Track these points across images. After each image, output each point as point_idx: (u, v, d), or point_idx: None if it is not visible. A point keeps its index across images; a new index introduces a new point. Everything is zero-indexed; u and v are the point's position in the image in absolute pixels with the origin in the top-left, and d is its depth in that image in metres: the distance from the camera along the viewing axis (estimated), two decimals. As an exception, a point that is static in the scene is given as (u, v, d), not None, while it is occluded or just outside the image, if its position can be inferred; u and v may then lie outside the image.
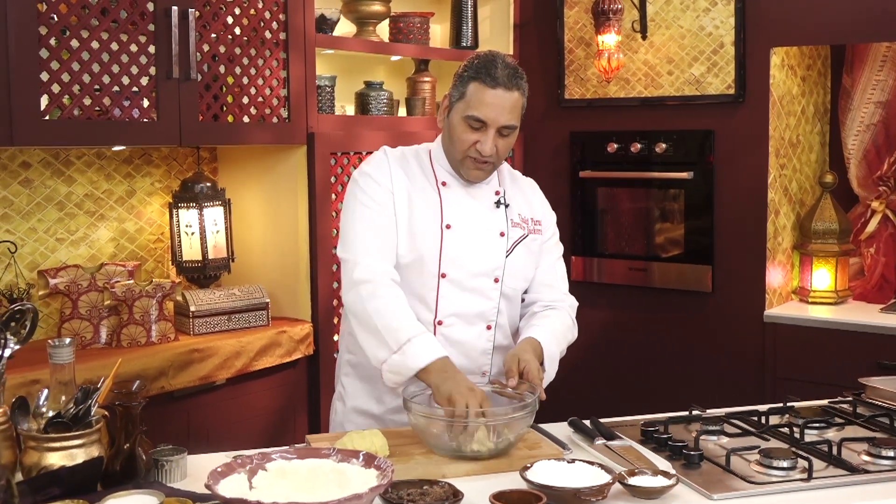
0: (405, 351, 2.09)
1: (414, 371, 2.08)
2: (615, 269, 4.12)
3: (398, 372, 2.11)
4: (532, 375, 2.14)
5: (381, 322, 2.12)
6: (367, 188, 2.27)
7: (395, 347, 2.10)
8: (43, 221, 3.12)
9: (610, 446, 2.05)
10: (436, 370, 2.06)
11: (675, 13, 3.87)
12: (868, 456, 2.00)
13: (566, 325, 2.39)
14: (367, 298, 2.15)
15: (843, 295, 3.85)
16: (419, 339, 2.09)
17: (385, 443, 1.97)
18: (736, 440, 2.11)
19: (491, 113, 2.18)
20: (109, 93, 2.82)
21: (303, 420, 3.42)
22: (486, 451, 1.94)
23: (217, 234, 3.35)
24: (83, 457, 1.78)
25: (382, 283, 2.17)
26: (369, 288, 2.17)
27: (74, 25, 2.73)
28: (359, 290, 2.17)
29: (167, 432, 2.93)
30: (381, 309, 2.14)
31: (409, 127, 3.78)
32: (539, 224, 2.42)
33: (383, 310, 2.14)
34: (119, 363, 1.92)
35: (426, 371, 2.07)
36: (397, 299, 2.17)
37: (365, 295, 2.16)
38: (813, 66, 4.04)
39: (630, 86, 4.01)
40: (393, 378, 2.13)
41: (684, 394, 3.89)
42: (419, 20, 3.88)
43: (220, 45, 3.11)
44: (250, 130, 3.21)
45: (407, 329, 2.11)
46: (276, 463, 1.71)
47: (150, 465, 1.89)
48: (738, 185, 3.80)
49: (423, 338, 2.10)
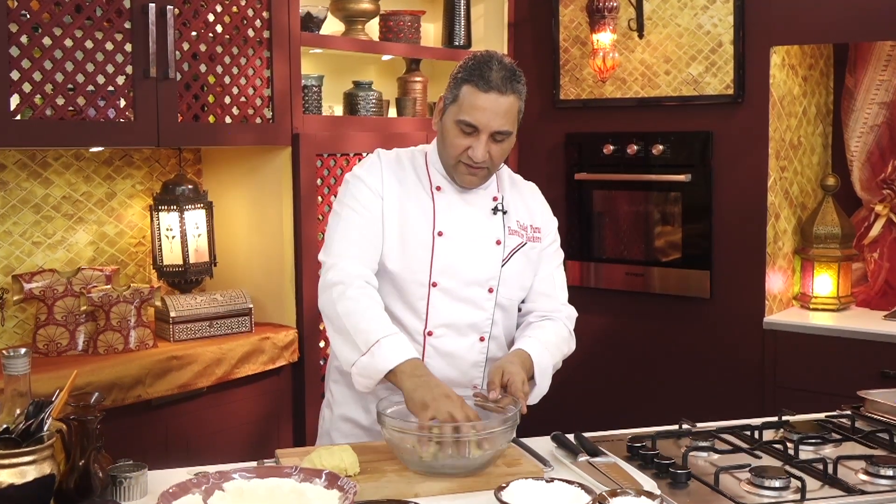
0: (374, 352, 1.99)
1: (383, 373, 1.99)
2: (611, 274, 4.03)
3: (367, 375, 2.02)
4: (515, 388, 2.04)
5: (350, 323, 2.04)
6: (356, 192, 2.19)
7: (364, 349, 2.01)
8: (18, 224, 3.03)
9: (593, 463, 1.95)
10: (407, 373, 1.97)
11: (673, 11, 3.77)
12: (865, 475, 1.90)
13: (561, 337, 2.28)
14: (338, 300, 2.07)
15: (846, 301, 3.75)
16: (388, 340, 2.00)
17: (355, 459, 1.88)
18: (726, 457, 2.01)
19: (483, 118, 2.09)
20: (84, 92, 2.73)
21: (287, 429, 3.33)
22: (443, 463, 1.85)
23: (199, 238, 3.26)
24: (34, 474, 1.68)
25: (353, 285, 2.09)
26: (340, 289, 2.08)
27: (47, 23, 2.64)
28: (331, 291, 2.10)
29: (144, 442, 2.85)
30: (350, 310, 2.06)
31: (398, 128, 3.68)
32: (538, 231, 2.32)
33: (353, 310, 2.05)
34: (74, 375, 1.83)
35: (396, 373, 1.98)
36: (368, 300, 2.08)
37: (335, 296, 2.08)
38: (815, 65, 3.94)
39: (626, 86, 3.92)
40: (363, 381, 2.04)
41: (681, 403, 3.80)
42: (410, 18, 3.78)
43: (201, 44, 3.02)
44: (232, 131, 3.12)
45: (376, 330, 2.02)
46: (235, 482, 1.63)
47: (108, 482, 1.80)
48: (738, 187, 3.70)
49: (394, 338, 2.01)
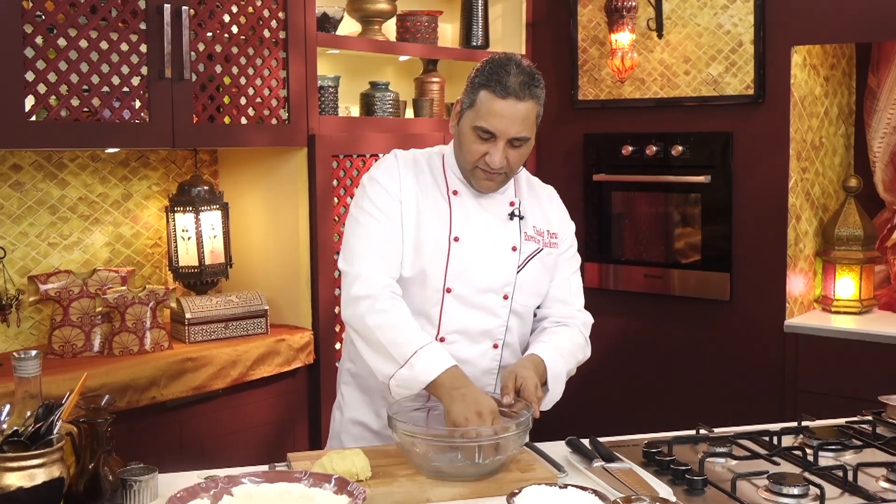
0: (413, 364, 1.98)
1: (424, 384, 1.99)
2: (629, 276, 3.99)
3: (407, 386, 2.01)
4: (528, 392, 2.01)
5: (385, 337, 2.02)
6: (374, 197, 2.16)
7: (402, 361, 1.99)
8: (34, 226, 3.04)
9: (608, 469, 1.92)
10: (446, 384, 1.96)
11: (692, 10, 3.73)
12: (887, 482, 1.86)
13: (576, 344, 2.25)
14: (367, 314, 2.05)
15: (868, 304, 3.70)
16: (426, 351, 1.99)
17: (367, 463, 1.86)
18: (744, 463, 1.97)
19: (500, 125, 2.05)
20: (98, 93, 2.73)
21: (303, 432, 3.32)
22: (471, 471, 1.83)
23: (214, 239, 3.25)
24: (43, 477, 1.68)
25: (381, 297, 2.07)
26: (368, 303, 2.06)
27: (62, 24, 2.64)
28: (358, 305, 2.07)
29: (158, 445, 2.85)
30: (382, 323, 2.04)
31: (415, 129, 3.66)
32: (555, 237, 2.28)
33: (385, 324, 2.04)
34: (85, 377, 1.82)
35: (436, 384, 1.97)
36: (399, 311, 2.06)
37: (364, 310, 2.05)
38: (837, 65, 3.88)
39: (645, 86, 3.88)
40: (402, 392, 2.03)
41: (700, 407, 3.76)
42: (427, 19, 3.76)
43: (217, 44, 3.01)
44: (248, 132, 3.11)
45: (412, 342, 2.01)
46: (244, 487, 1.61)
47: (117, 485, 1.79)
48: (758, 189, 3.65)
49: (430, 348, 2.00)
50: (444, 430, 1.84)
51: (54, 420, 1.73)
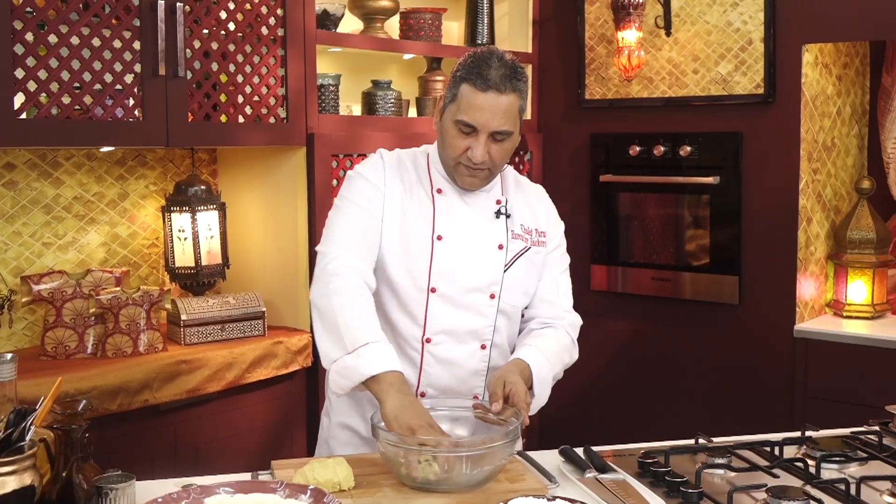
0: (360, 353, 1.90)
1: (364, 377, 1.89)
2: (637, 279, 3.91)
3: (347, 376, 1.92)
4: (518, 399, 1.95)
5: (343, 319, 1.94)
6: (358, 188, 2.13)
7: (351, 348, 1.91)
8: (28, 225, 3.00)
9: (601, 480, 1.86)
10: (394, 386, 1.87)
11: (701, 8, 3.65)
12: (891, 497, 1.79)
13: (563, 345, 2.19)
14: (335, 293, 1.98)
15: (881, 309, 3.61)
16: (378, 346, 1.91)
17: (350, 473, 1.80)
18: (743, 475, 1.90)
19: (482, 118, 2.00)
20: (90, 91, 2.69)
21: (301, 436, 3.26)
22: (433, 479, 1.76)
23: (211, 240, 3.20)
24: (14, 485, 1.63)
25: (354, 282, 2.01)
26: (339, 282, 2.00)
27: (53, 20, 2.59)
28: (328, 281, 2.00)
29: (151, 449, 2.80)
30: (345, 306, 1.97)
31: (417, 128, 3.60)
32: (543, 235, 2.23)
33: (348, 307, 1.97)
34: (59, 382, 1.76)
35: (379, 381, 1.88)
36: (365, 301, 2.00)
37: (333, 288, 1.99)
38: (850, 64, 3.79)
39: (653, 85, 3.80)
40: (339, 382, 1.94)
41: (708, 412, 3.69)
42: (431, 16, 3.70)
43: (213, 41, 2.96)
44: (245, 131, 3.06)
45: (368, 333, 1.93)
46: (217, 497, 1.56)
47: (92, 493, 1.73)
48: (768, 190, 3.57)
49: (383, 346, 1.93)
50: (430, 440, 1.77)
51: (26, 426, 1.68)
